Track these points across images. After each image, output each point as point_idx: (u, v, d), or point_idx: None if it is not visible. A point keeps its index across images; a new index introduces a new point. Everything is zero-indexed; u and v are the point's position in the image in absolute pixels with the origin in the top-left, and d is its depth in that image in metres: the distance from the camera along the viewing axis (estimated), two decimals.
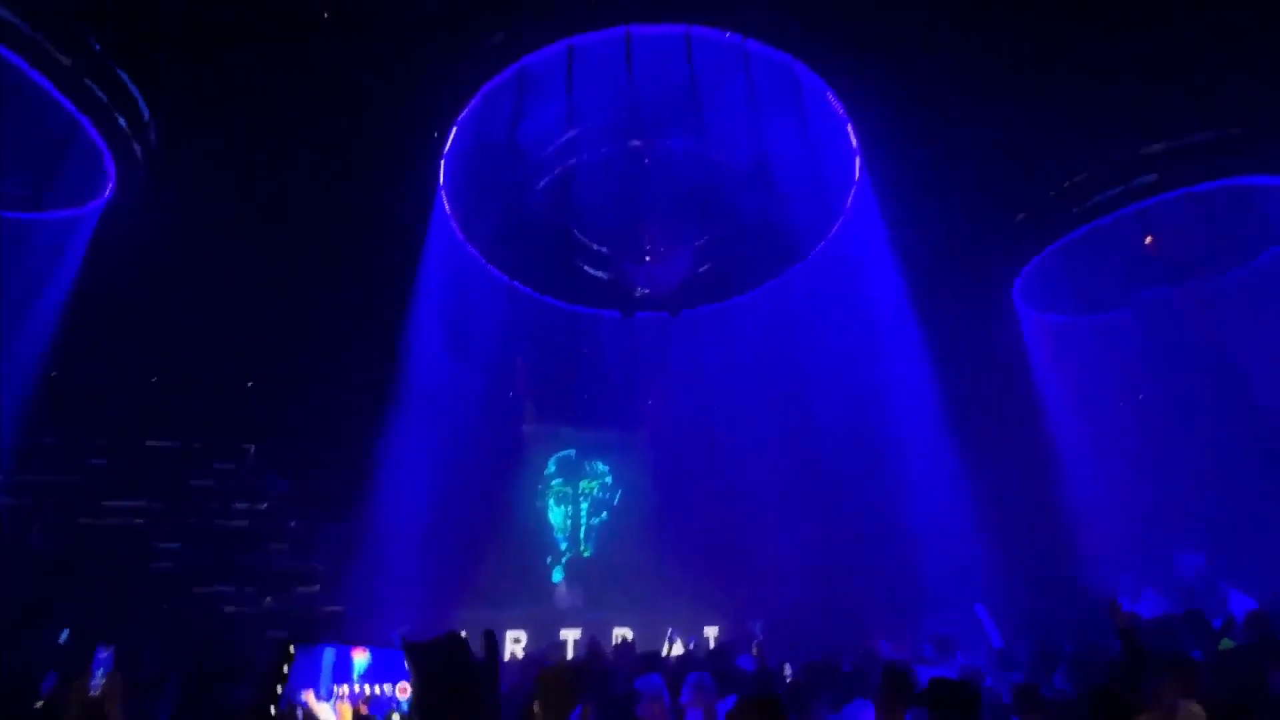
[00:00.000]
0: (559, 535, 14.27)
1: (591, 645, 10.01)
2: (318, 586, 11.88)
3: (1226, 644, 5.75)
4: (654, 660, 7.42)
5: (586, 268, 11.41)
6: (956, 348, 10.92)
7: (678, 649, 12.37)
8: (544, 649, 10.21)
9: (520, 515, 13.61)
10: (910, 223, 9.71)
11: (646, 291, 10.96)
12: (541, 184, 10.45)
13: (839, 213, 10.06)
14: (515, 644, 12.59)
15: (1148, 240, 10.58)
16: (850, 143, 9.46)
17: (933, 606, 10.32)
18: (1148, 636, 6.16)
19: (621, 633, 12.88)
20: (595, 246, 11.05)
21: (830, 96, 9.12)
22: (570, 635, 12.76)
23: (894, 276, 10.11)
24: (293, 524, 11.99)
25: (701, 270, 11.26)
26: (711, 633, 13.39)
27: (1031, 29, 8.24)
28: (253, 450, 12.39)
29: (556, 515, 14.43)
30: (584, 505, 15.08)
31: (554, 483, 14.61)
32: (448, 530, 11.12)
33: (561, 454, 14.77)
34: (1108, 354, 11.54)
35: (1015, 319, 11.66)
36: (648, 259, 10.51)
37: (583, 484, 15.26)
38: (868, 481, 11.74)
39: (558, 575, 13.85)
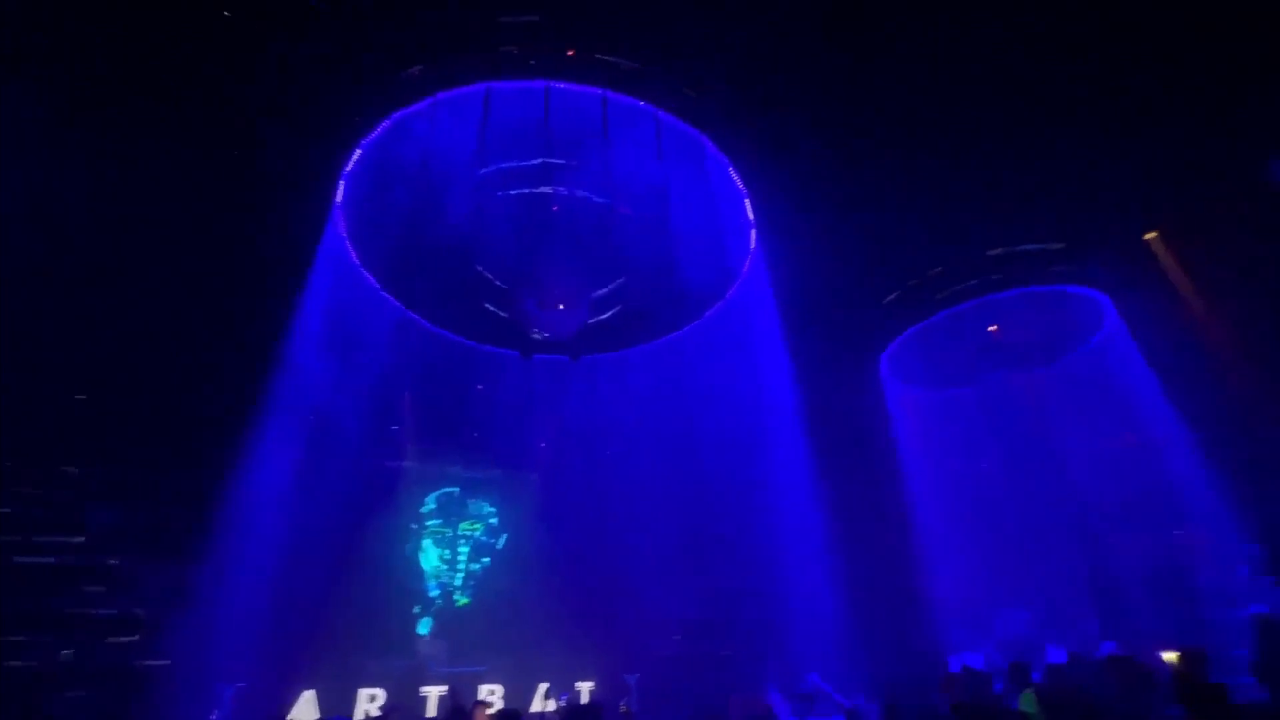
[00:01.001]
0: (432, 582, 13.39)
1: (455, 704, 9.40)
2: (138, 636, 10.28)
3: (1028, 697, 6.45)
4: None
5: (487, 305, 11.24)
6: (830, 411, 11.83)
7: (550, 705, 11.97)
8: (389, 708, 9.45)
9: (389, 558, 12.64)
10: (796, 293, 10.57)
11: (546, 335, 10.96)
12: (448, 218, 10.28)
13: (735, 277, 10.72)
14: (370, 703, 11.56)
15: (991, 329, 12.20)
16: (748, 216, 10.20)
17: (800, 662, 10.71)
18: (977, 688, 6.83)
19: (490, 689, 12.23)
20: (498, 284, 10.95)
21: (732, 172, 9.85)
22: (433, 692, 11.91)
23: (779, 340, 10.89)
24: (114, 562, 10.37)
25: (602, 318, 11.47)
26: (586, 687, 13.04)
27: (908, 149, 9.53)
28: (75, 474, 10.71)
29: (431, 559, 13.56)
30: (464, 549, 14.34)
31: (431, 523, 13.78)
32: (303, 573, 10.11)
33: (443, 491, 14.00)
34: (955, 427, 13.02)
35: (881, 389, 12.89)
36: (550, 303, 10.56)
37: (464, 525, 14.53)
38: (748, 536, 12.17)
39: (425, 626, 12.90)
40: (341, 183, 9.54)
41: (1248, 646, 7.24)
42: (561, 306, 10.72)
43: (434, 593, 13.47)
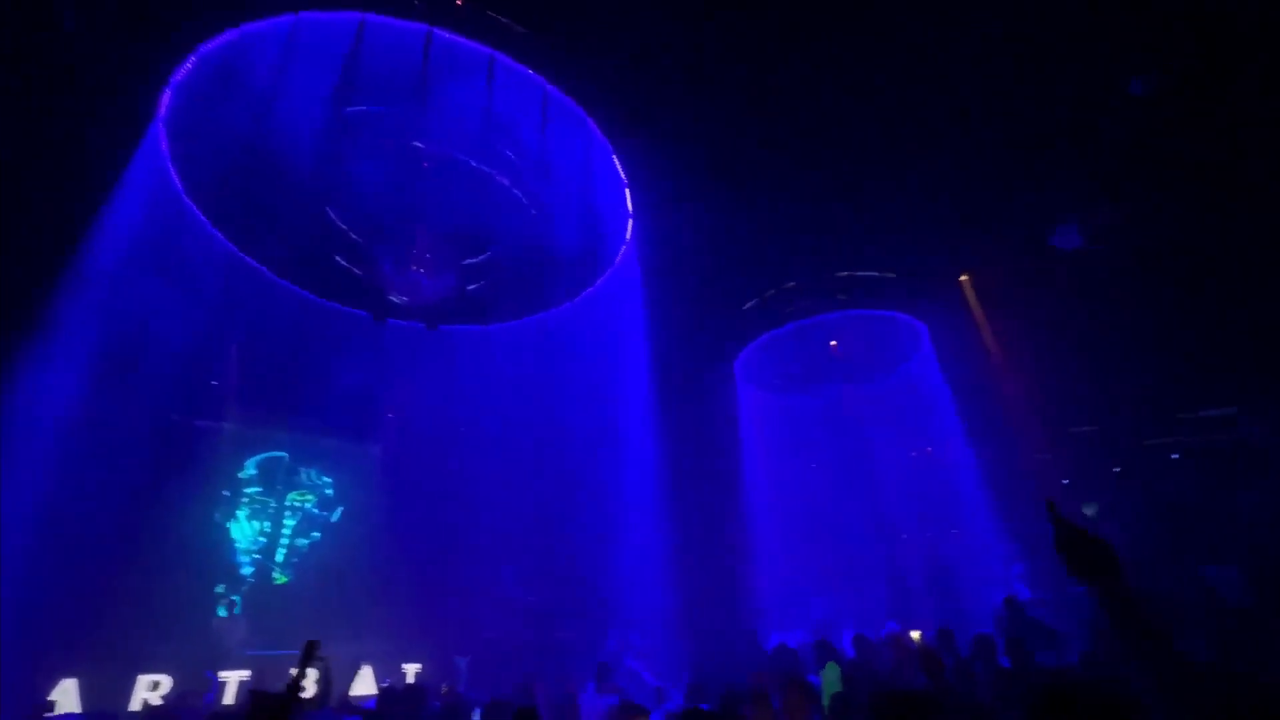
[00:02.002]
0: (244, 557, 12.03)
1: (255, 689, 8.56)
2: None
3: (833, 668, 7.28)
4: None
5: (338, 258, 10.25)
6: (683, 406, 12.41)
7: (367, 686, 11.34)
8: (175, 697, 8.40)
9: (190, 528, 11.12)
10: (664, 289, 10.90)
11: (403, 299, 10.24)
12: (302, 155, 9.23)
13: (608, 265, 10.79)
14: (152, 690, 10.15)
15: (832, 344, 13.52)
16: (627, 205, 10.31)
17: (630, 645, 11.10)
18: (788, 663, 7.57)
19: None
20: (353, 237, 10.03)
21: (615, 159, 9.89)
22: (234, 677, 10.75)
23: (642, 333, 11.17)
24: None
25: (467, 289, 10.97)
26: (412, 669, 12.53)
27: (781, 170, 10.21)
28: None
29: (245, 531, 12.15)
30: (289, 521, 13.06)
31: (250, 490, 12.34)
32: (71, 540, 8.60)
33: (267, 456, 12.58)
34: (793, 431, 14.31)
35: (733, 390, 13.77)
36: (413, 265, 9.87)
37: (293, 496, 13.24)
38: (594, 521, 12.36)
39: (230, 606, 11.56)
40: (168, 91, 8.19)
41: (995, 627, 8.65)
42: (423, 271, 10.09)
43: (246, 569, 12.12)
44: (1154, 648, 1.46)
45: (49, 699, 9.08)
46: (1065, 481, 11.75)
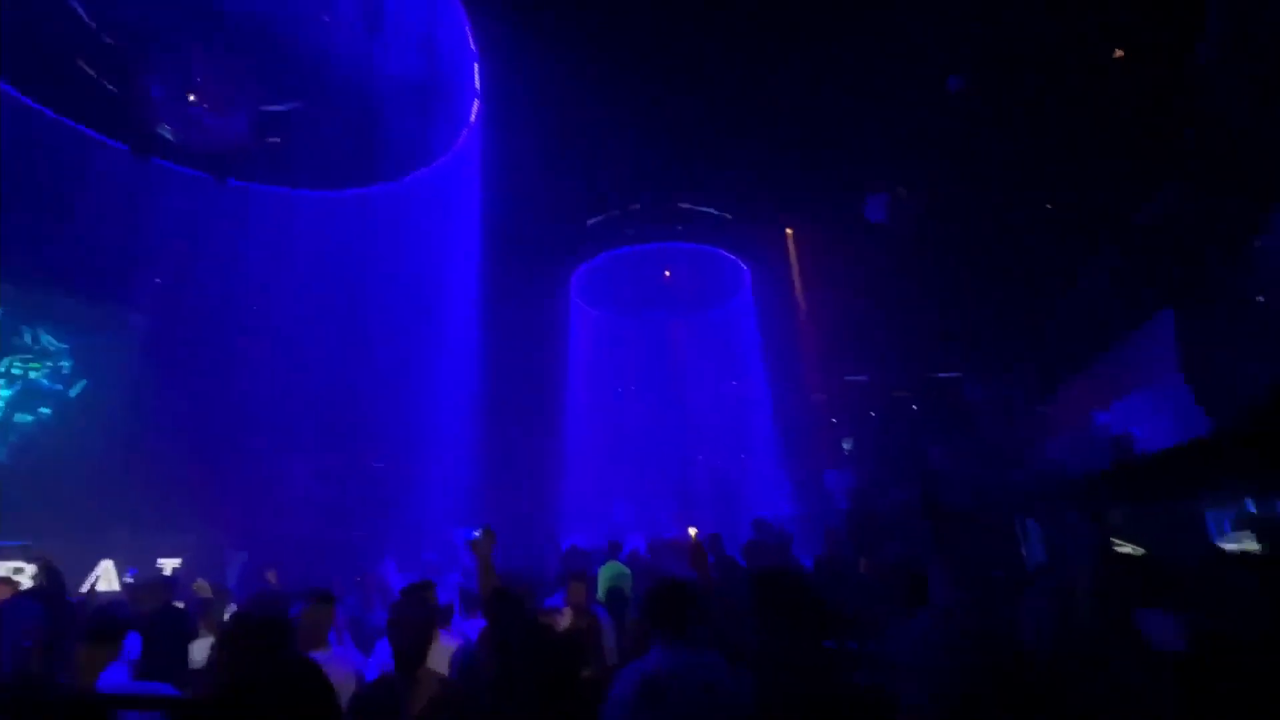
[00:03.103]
0: None
1: None
2: None
3: (611, 565, 7.98)
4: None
5: (85, 65, 7.90)
6: (510, 310, 12.08)
7: (109, 583, 10.06)
8: None
9: None
10: (505, 186, 10.21)
11: (178, 136, 8.31)
12: None
13: (443, 149, 9.80)
14: None
15: (666, 274, 14.07)
16: (474, 82, 9.35)
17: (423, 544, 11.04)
18: (579, 562, 8.18)
19: (16, 566, 9.62)
20: (107, 40, 7.75)
21: (468, 30, 8.84)
22: None
23: (476, 226, 10.46)
24: None
25: (269, 142, 9.22)
26: (171, 564, 11.30)
27: (648, 91, 9.95)
28: None
29: None
30: (5, 392, 10.68)
31: None
32: None
33: None
34: (616, 350, 14.90)
35: (566, 302, 13.76)
36: (194, 96, 7.98)
37: (10, 361, 10.79)
38: (398, 418, 11.74)
39: None
40: None
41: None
42: (213, 106, 8.26)
43: None
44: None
45: None
46: (834, 420, 13.79)
